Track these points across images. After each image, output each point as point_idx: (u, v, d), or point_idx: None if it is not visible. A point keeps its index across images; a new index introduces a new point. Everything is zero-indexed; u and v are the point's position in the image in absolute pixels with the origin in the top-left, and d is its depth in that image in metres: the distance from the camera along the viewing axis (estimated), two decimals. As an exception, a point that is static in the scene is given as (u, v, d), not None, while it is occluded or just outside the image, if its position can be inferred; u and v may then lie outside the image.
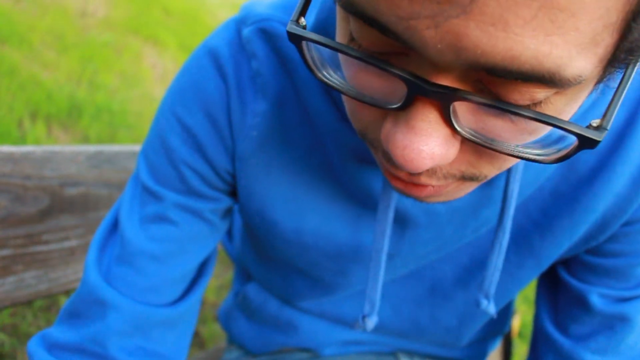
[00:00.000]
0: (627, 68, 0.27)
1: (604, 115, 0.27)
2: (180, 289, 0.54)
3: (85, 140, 2.12)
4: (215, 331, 1.56)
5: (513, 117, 0.27)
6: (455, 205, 0.47)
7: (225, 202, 0.53)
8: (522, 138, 0.29)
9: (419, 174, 0.32)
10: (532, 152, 0.29)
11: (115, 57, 2.95)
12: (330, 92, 0.44)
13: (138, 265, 0.50)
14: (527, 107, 0.26)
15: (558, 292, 0.55)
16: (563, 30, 0.22)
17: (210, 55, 0.47)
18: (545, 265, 0.51)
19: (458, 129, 0.27)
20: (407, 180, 0.33)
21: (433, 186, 0.33)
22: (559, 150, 0.28)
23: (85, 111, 2.24)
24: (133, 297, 0.50)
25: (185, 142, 0.48)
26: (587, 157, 0.45)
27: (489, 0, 0.21)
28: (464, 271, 0.55)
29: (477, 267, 0.55)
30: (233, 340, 0.73)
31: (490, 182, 0.46)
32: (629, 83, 0.28)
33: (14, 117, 1.94)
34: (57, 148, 0.71)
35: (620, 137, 0.44)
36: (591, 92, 0.29)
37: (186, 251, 0.52)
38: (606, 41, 0.24)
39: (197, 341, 1.52)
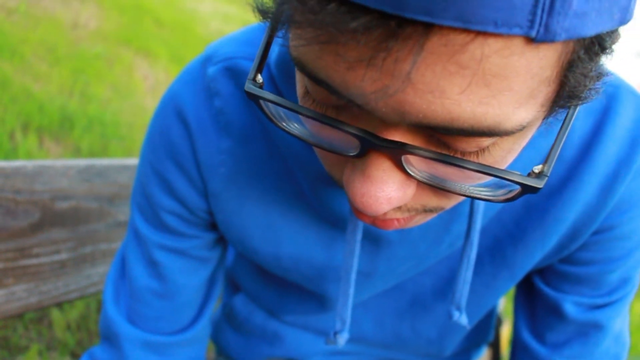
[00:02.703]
0: (569, 110, 0.29)
1: (546, 161, 0.28)
2: (190, 315, 0.59)
3: (77, 152, 2.12)
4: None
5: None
6: (426, 222, 0.48)
7: (208, 237, 0.56)
8: (472, 181, 0.31)
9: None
10: (484, 193, 0.31)
11: (107, 69, 2.96)
12: None
13: (145, 300, 0.56)
14: (475, 153, 0.28)
15: (534, 301, 0.57)
16: (497, 92, 0.23)
17: (171, 102, 0.50)
18: (519, 275, 0.53)
19: (411, 174, 0.29)
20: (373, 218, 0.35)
21: (398, 220, 0.35)
22: (508, 192, 0.30)
23: (77, 123, 2.25)
24: (145, 327, 0.57)
25: (160, 187, 0.52)
26: (556, 168, 0.47)
27: (425, 71, 0.22)
28: (443, 283, 0.57)
29: (455, 279, 0.56)
30: (221, 352, 0.74)
31: None
32: (570, 126, 0.29)
33: (6, 129, 1.94)
34: (48, 162, 0.72)
35: (588, 147, 0.45)
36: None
37: (184, 285, 0.57)
38: (544, 92, 0.25)
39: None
